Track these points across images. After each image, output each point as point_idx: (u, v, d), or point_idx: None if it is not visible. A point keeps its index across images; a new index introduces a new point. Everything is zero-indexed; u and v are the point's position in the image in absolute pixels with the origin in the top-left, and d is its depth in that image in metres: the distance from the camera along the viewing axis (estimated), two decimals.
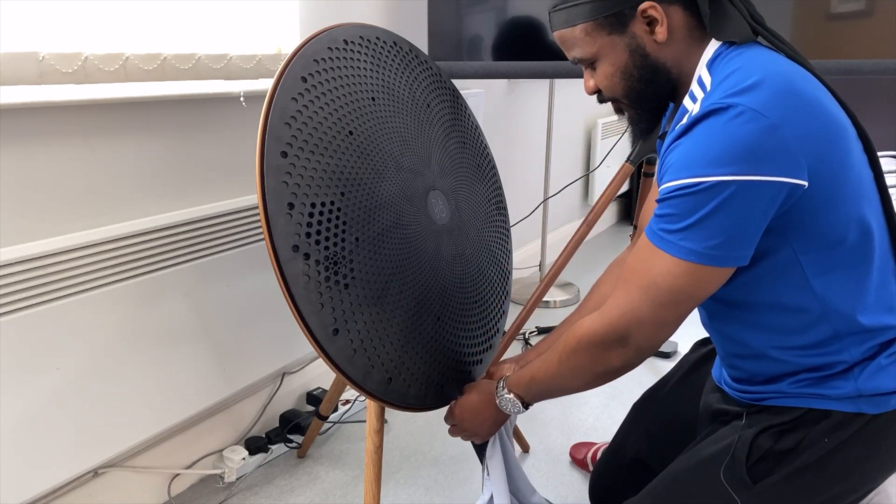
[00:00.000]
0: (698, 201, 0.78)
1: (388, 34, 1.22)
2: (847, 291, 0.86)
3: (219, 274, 1.36)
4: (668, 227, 0.81)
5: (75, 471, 1.17)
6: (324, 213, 0.97)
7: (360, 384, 1.00)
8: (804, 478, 0.89)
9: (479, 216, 1.32)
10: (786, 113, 0.78)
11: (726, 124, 0.77)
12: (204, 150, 1.41)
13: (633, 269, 0.87)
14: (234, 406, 1.61)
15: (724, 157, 0.76)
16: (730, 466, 0.91)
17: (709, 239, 0.79)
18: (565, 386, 0.97)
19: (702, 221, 0.79)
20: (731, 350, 0.97)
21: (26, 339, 1.06)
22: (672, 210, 0.81)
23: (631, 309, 0.86)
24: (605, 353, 0.89)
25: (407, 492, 1.53)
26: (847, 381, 0.88)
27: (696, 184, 0.78)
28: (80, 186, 1.20)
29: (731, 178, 0.76)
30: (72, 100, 1.14)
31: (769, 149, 0.76)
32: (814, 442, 0.89)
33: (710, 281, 0.82)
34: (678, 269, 0.81)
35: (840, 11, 1.71)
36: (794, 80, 0.81)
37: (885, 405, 0.88)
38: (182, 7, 1.33)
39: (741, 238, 0.80)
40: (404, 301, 1.06)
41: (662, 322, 0.85)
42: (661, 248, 0.82)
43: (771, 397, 0.93)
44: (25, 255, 1.05)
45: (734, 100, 0.78)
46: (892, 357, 0.87)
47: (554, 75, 1.76)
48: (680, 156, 0.81)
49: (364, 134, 1.07)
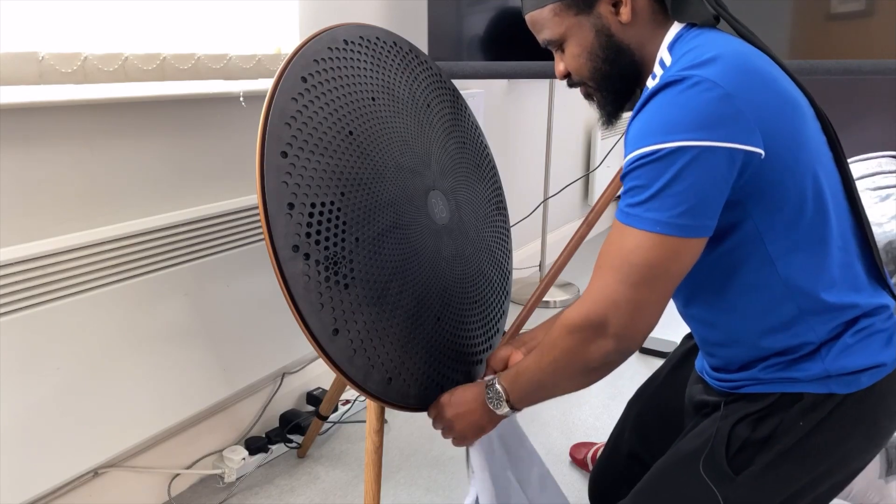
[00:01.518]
0: (659, 169, 0.79)
1: (388, 34, 1.22)
2: (809, 270, 0.87)
3: (219, 274, 1.36)
4: (633, 201, 0.81)
5: (75, 471, 1.17)
6: (324, 213, 0.97)
7: (360, 384, 1.00)
8: (784, 464, 0.90)
9: (479, 216, 1.32)
10: (740, 84, 0.79)
11: (682, 93, 0.79)
12: (204, 150, 1.41)
13: (605, 253, 0.86)
14: (234, 406, 1.61)
15: (680, 124, 0.78)
16: (710, 460, 0.92)
17: (674, 207, 0.79)
18: (547, 382, 0.94)
19: (664, 189, 0.79)
20: (705, 337, 0.98)
21: (26, 339, 1.06)
22: (635, 182, 0.81)
23: (607, 293, 0.83)
24: (583, 344, 0.87)
25: (407, 492, 1.53)
26: (815, 363, 0.89)
27: (654, 151, 0.79)
28: (80, 186, 1.20)
29: (690, 144, 0.77)
30: (71, 100, 1.14)
31: (724, 116, 0.78)
32: (789, 427, 0.89)
33: (682, 253, 0.81)
34: (648, 242, 0.80)
35: (840, 11, 1.71)
36: (749, 58, 0.84)
37: (855, 384, 0.88)
38: (181, 7, 1.33)
39: (705, 206, 0.80)
40: (404, 301, 1.06)
41: (640, 303, 0.83)
42: (628, 223, 0.82)
43: (746, 384, 0.94)
44: (25, 255, 1.05)
45: (690, 72, 0.80)
46: (858, 336, 0.88)
47: (554, 75, 1.76)
48: (638, 128, 0.82)
49: (364, 134, 1.07)
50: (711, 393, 1.00)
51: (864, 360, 0.88)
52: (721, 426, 0.93)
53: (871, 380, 0.89)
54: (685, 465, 0.94)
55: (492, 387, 0.99)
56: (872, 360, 0.88)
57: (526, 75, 1.75)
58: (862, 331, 0.89)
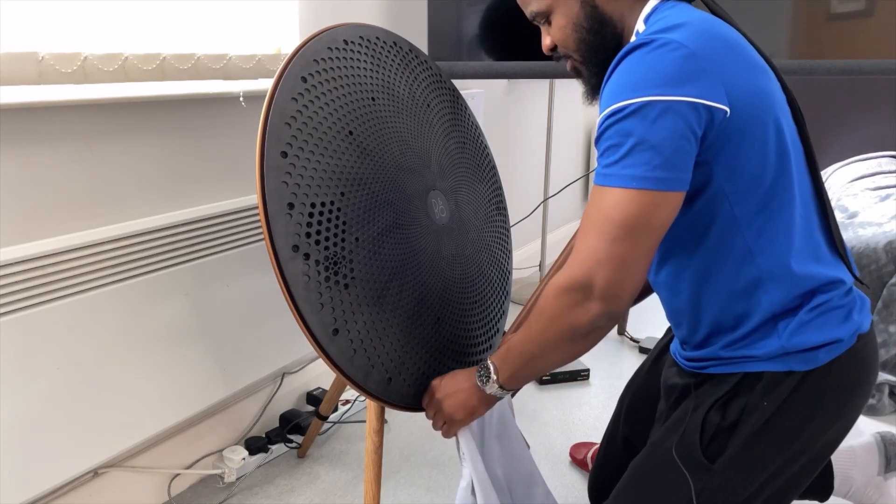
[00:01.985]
0: (630, 124, 0.81)
1: (388, 34, 1.22)
2: (772, 234, 0.89)
3: (219, 274, 1.36)
4: (609, 161, 0.83)
5: (75, 471, 1.17)
6: (324, 213, 0.97)
7: (360, 384, 1.00)
8: (757, 446, 0.91)
9: (479, 216, 1.32)
10: (704, 46, 0.83)
11: (648, 53, 0.82)
12: (204, 150, 1.41)
13: (586, 216, 0.87)
14: (234, 406, 1.61)
15: (648, 81, 0.81)
16: (685, 452, 0.93)
17: (649, 161, 0.81)
18: (536, 353, 0.93)
19: (638, 145, 0.81)
20: (672, 304, 1.01)
21: (26, 339, 1.06)
22: (608, 142, 0.83)
23: (590, 252, 0.84)
24: (570, 308, 0.86)
25: (407, 492, 1.53)
26: (772, 339, 0.91)
27: (624, 107, 0.81)
28: (80, 186, 1.20)
29: (657, 98, 0.80)
30: (71, 100, 1.14)
31: (689, 72, 0.81)
32: (755, 407, 0.91)
33: (661, 206, 0.82)
34: (627, 198, 0.82)
35: (840, 11, 1.71)
36: (716, 26, 0.87)
37: (813, 361, 0.90)
38: (181, 7, 1.33)
39: (677, 158, 0.81)
40: (404, 301, 1.06)
41: (623, 259, 0.83)
42: (606, 184, 0.84)
43: (710, 364, 0.97)
44: (25, 255, 1.05)
45: (657, 35, 0.83)
46: (814, 312, 0.90)
47: (554, 75, 1.76)
48: (609, 89, 0.85)
49: (364, 134, 1.07)
50: (682, 375, 1.02)
51: (821, 336, 0.90)
52: (693, 417, 0.94)
53: (828, 356, 0.90)
54: (662, 460, 0.95)
55: (482, 365, 0.99)
56: (829, 336, 0.90)
57: (526, 75, 1.75)
58: (818, 307, 0.90)
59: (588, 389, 2.01)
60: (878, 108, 3.12)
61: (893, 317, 1.90)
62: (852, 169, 2.64)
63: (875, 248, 1.93)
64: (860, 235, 2.00)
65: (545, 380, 2.03)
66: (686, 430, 0.94)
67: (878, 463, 1.28)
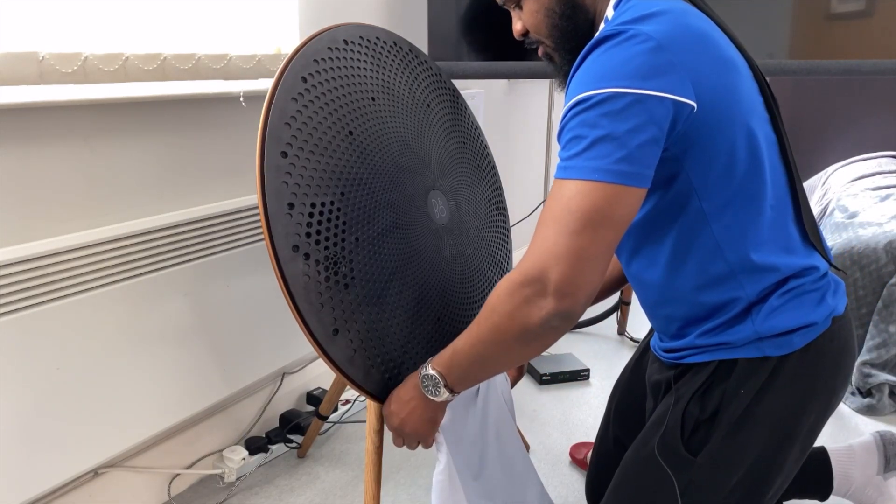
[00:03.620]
0: (594, 115, 0.79)
1: (388, 34, 1.22)
2: (740, 227, 0.88)
3: (219, 274, 1.36)
4: (571, 153, 0.81)
5: (75, 471, 1.17)
6: (324, 213, 0.97)
7: (360, 384, 1.00)
8: (738, 435, 0.90)
9: (479, 216, 1.32)
10: (673, 39, 0.81)
11: (616, 45, 0.80)
12: (204, 150, 1.41)
13: (545, 210, 0.83)
14: (234, 406, 1.61)
15: (614, 73, 0.79)
16: (667, 447, 0.93)
17: (610, 154, 0.78)
18: (485, 354, 0.87)
19: (601, 138, 0.78)
20: (646, 297, 1.00)
21: (26, 339, 1.06)
22: (570, 133, 0.81)
23: (545, 245, 0.79)
24: (523, 305, 0.80)
25: (407, 492, 1.53)
26: (745, 325, 0.90)
27: (588, 97, 0.79)
28: (80, 186, 1.20)
29: (623, 90, 0.78)
30: (72, 100, 1.14)
31: (656, 66, 0.79)
32: (732, 396, 0.91)
33: (621, 200, 0.79)
34: (587, 189, 0.78)
35: (840, 11, 1.71)
36: (688, 17, 0.85)
37: (787, 346, 0.90)
38: (182, 7, 1.33)
39: (641, 153, 0.79)
40: (404, 301, 1.06)
41: (580, 254, 0.78)
42: (567, 177, 0.80)
43: (687, 353, 0.96)
44: (25, 255, 1.05)
45: (625, 26, 0.81)
46: (786, 296, 0.90)
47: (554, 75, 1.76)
48: (574, 82, 0.83)
49: (364, 134, 1.07)
50: (663, 369, 1.01)
51: (794, 320, 0.89)
52: (674, 412, 0.94)
53: (803, 340, 0.90)
54: (647, 459, 0.95)
55: (426, 375, 0.93)
56: (802, 320, 0.89)
57: (526, 75, 1.75)
58: (790, 291, 0.90)
59: (588, 389, 2.01)
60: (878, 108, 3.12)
61: (893, 317, 1.90)
62: (852, 169, 2.64)
63: (875, 248, 1.93)
64: (860, 235, 2.00)
65: (545, 380, 2.03)
66: (667, 426, 0.93)
67: (878, 462, 1.28)
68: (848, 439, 1.78)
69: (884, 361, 1.93)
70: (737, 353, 0.91)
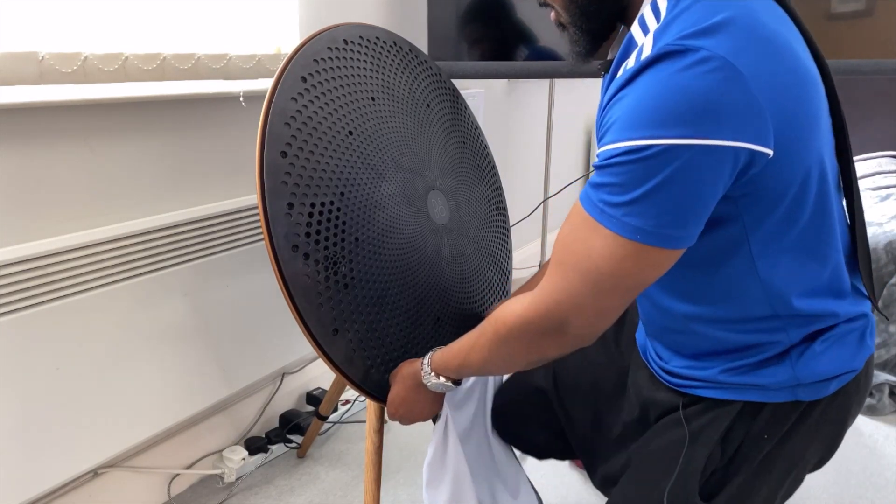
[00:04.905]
0: (646, 169, 0.66)
1: (388, 34, 1.22)
2: (792, 275, 0.78)
3: (219, 274, 1.36)
4: (611, 200, 0.69)
5: (75, 471, 1.17)
6: (323, 213, 0.97)
7: (360, 384, 1.00)
8: (755, 481, 0.84)
9: (479, 216, 1.32)
10: (755, 62, 0.65)
11: (682, 73, 0.64)
12: (204, 150, 1.41)
13: (568, 249, 0.74)
14: (233, 406, 1.61)
15: (677, 115, 0.64)
16: (681, 494, 0.83)
17: (658, 216, 0.67)
18: (498, 371, 0.92)
19: (651, 195, 0.66)
20: (659, 320, 0.89)
21: (26, 339, 1.06)
22: (615, 179, 0.68)
23: (570, 296, 0.74)
24: (539, 340, 0.79)
25: (407, 492, 1.53)
26: (783, 367, 0.81)
27: (643, 147, 0.65)
28: (80, 186, 1.20)
29: (686, 142, 0.64)
30: (71, 100, 1.14)
31: (734, 106, 0.64)
32: (755, 441, 0.83)
33: (659, 264, 0.71)
34: (623, 251, 0.69)
35: (840, 11, 1.71)
36: (766, 22, 0.69)
37: (824, 391, 0.82)
38: (181, 7, 1.33)
39: (693, 214, 0.68)
40: (404, 301, 1.06)
41: (606, 310, 0.74)
42: (603, 223, 0.70)
43: (704, 387, 0.85)
44: (25, 255, 1.05)
45: (693, 42, 0.64)
46: (826, 343, 0.81)
47: (554, 75, 1.76)
48: (624, 111, 0.67)
49: (364, 134, 1.07)
50: (662, 389, 0.91)
51: (836, 366, 0.81)
52: (692, 455, 0.84)
53: (839, 384, 0.83)
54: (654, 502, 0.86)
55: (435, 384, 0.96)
56: (845, 367, 0.82)
57: (526, 75, 1.75)
58: (833, 336, 0.82)
59: None
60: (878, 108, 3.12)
61: (894, 317, 1.90)
62: None
63: (875, 248, 1.93)
64: None
65: None
66: (684, 472, 0.84)
67: None
68: (848, 439, 1.78)
69: (884, 361, 1.93)
70: (767, 397, 0.82)
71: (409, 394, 0.99)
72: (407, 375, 0.99)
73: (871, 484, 1.60)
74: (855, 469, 1.65)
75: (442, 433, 1.04)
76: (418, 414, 1.01)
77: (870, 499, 1.55)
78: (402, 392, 1.00)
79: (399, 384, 1.00)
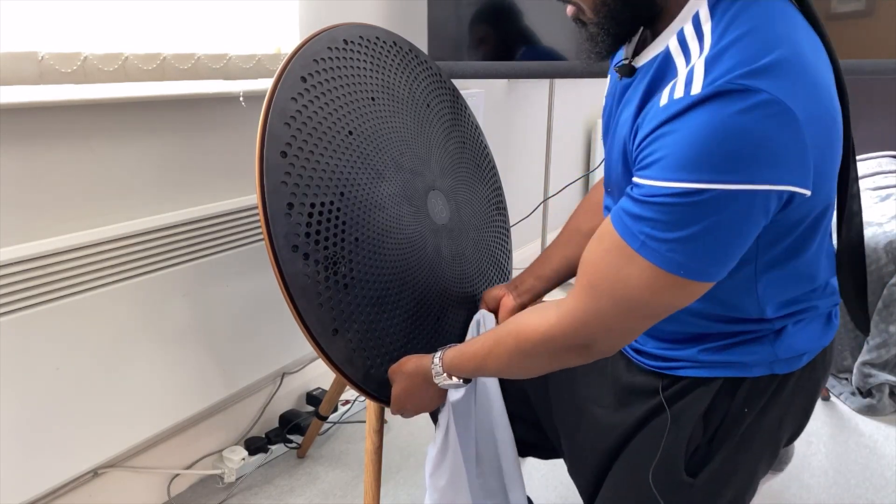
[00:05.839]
0: (697, 213, 0.65)
1: (388, 34, 1.22)
2: (786, 291, 0.83)
3: (219, 274, 1.36)
4: (656, 235, 0.68)
5: (75, 471, 1.17)
6: (323, 213, 0.97)
7: (360, 384, 1.00)
8: (739, 454, 0.87)
9: (479, 216, 1.32)
10: (807, 107, 0.64)
11: (741, 115, 0.62)
12: (203, 150, 1.41)
13: (601, 273, 0.73)
14: (233, 406, 1.61)
15: (735, 160, 0.62)
16: (666, 472, 0.87)
17: (705, 254, 0.67)
18: (515, 376, 0.94)
19: (700, 236, 0.66)
20: None
21: (26, 339, 1.06)
22: (661, 216, 0.67)
23: (599, 319, 0.75)
24: (562, 355, 0.81)
25: (407, 492, 1.53)
26: (763, 347, 0.85)
27: (696, 191, 0.63)
28: (80, 186, 1.20)
29: (741, 188, 0.63)
30: (71, 100, 1.14)
31: (788, 151, 0.63)
32: (736, 416, 0.86)
33: (694, 294, 0.71)
34: (661, 283, 0.69)
35: (840, 11, 1.71)
36: (812, 61, 0.68)
37: (797, 364, 0.87)
38: (181, 7, 1.33)
39: (737, 252, 0.69)
40: (404, 301, 1.06)
41: (633, 330, 0.76)
42: (643, 255, 0.69)
43: (683, 367, 0.88)
44: (25, 255, 1.05)
45: (752, 82, 0.62)
46: (801, 324, 0.86)
47: (554, 75, 1.76)
48: (676, 148, 0.65)
49: (364, 134, 1.07)
50: (640, 373, 0.92)
51: (809, 343, 0.87)
52: (675, 437, 0.87)
53: (809, 357, 0.88)
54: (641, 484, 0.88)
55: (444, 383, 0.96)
56: (816, 344, 0.88)
57: (526, 75, 1.75)
58: (806, 319, 0.87)
59: None
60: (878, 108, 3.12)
61: (893, 317, 1.90)
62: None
63: (875, 248, 1.93)
64: None
65: None
66: (667, 453, 0.87)
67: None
68: (848, 439, 1.78)
69: (884, 361, 1.93)
70: (746, 372, 0.86)
71: (417, 390, 1.00)
72: (414, 373, 0.99)
73: (871, 484, 1.60)
74: (855, 469, 1.65)
75: (444, 427, 1.04)
76: (425, 407, 1.03)
77: (870, 499, 1.55)
78: (409, 388, 1.00)
79: (406, 380, 1.00)
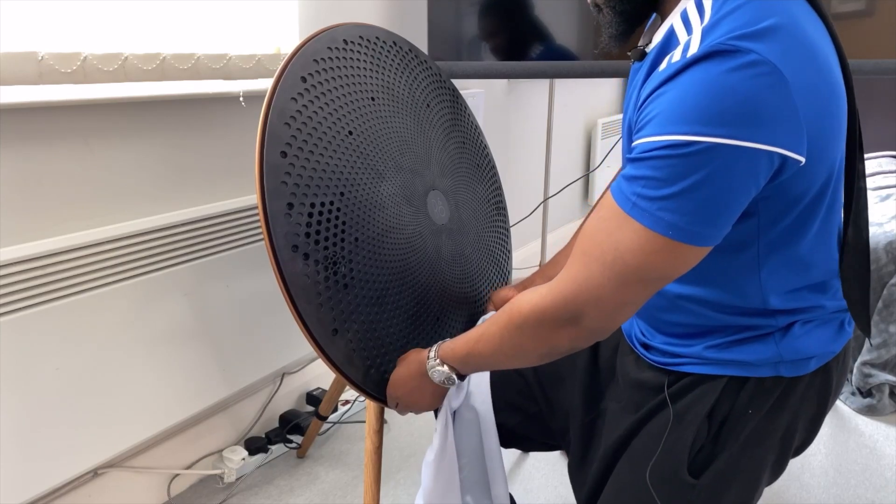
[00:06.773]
0: (687, 166, 0.66)
1: (388, 34, 1.22)
2: (790, 278, 0.82)
3: (219, 274, 1.36)
4: (647, 193, 0.69)
5: (75, 471, 1.17)
6: (323, 213, 0.97)
7: (360, 384, 1.00)
8: (743, 456, 0.86)
9: (479, 216, 1.32)
10: (800, 72, 0.66)
11: (731, 73, 0.65)
12: (203, 150, 1.41)
13: (594, 240, 0.74)
14: (233, 406, 1.61)
15: (723, 115, 0.64)
16: (668, 470, 0.86)
17: (693, 213, 0.68)
18: (505, 363, 0.88)
19: (688, 191, 0.67)
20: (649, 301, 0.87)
21: (26, 339, 1.06)
22: (653, 172, 0.68)
23: (590, 286, 0.73)
24: (553, 331, 0.78)
25: (407, 492, 1.53)
26: (767, 346, 0.84)
27: (686, 143, 0.65)
28: (80, 186, 1.20)
29: (729, 143, 0.65)
30: (71, 100, 1.14)
31: (777, 111, 0.65)
32: (740, 416, 0.85)
33: (686, 261, 0.71)
34: (652, 245, 0.69)
35: (840, 11, 1.71)
36: (808, 31, 0.70)
37: (804, 368, 0.85)
38: (181, 7, 1.33)
39: (727, 214, 0.70)
40: (404, 301, 1.06)
41: (624, 303, 0.74)
42: (634, 217, 0.70)
43: (688, 363, 0.87)
44: (25, 255, 1.05)
45: (744, 43, 0.65)
46: (809, 326, 0.85)
47: (554, 75, 1.76)
48: (668, 105, 0.68)
49: (363, 134, 1.07)
50: (647, 368, 0.93)
51: (817, 347, 0.85)
52: (678, 435, 0.86)
53: (818, 363, 0.86)
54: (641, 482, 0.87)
55: (439, 371, 0.93)
56: (825, 349, 0.86)
57: (526, 75, 1.75)
58: (814, 321, 0.86)
59: None
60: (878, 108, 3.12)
61: (893, 317, 1.90)
62: None
63: (875, 248, 1.93)
64: None
65: None
66: (669, 450, 0.86)
67: None
68: (848, 440, 1.78)
69: (884, 361, 1.93)
70: (751, 372, 0.85)
71: (411, 379, 0.98)
72: (413, 361, 0.99)
73: (871, 484, 1.60)
74: (855, 469, 1.65)
75: (443, 429, 1.03)
76: (416, 401, 0.99)
77: (870, 499, 1.55)
78: (404, 374, 0.99)
79: (404, 367, 1.00)
